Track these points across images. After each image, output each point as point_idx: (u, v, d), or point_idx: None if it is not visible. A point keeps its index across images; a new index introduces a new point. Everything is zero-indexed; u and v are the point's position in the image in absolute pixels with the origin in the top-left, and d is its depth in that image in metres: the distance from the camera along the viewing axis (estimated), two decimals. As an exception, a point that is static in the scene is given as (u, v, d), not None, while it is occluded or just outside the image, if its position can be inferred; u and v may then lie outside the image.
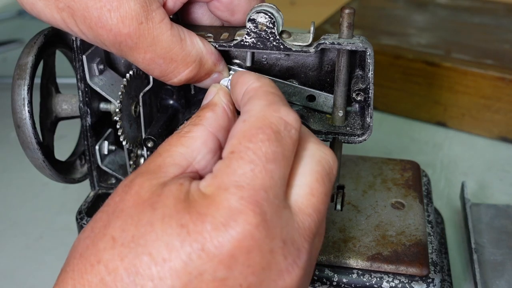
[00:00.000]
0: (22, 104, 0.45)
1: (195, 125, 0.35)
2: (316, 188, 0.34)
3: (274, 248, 0.31)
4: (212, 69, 0.41)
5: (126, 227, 0.31)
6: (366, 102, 0.42)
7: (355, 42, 0.40)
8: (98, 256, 0.30)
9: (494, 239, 0.53)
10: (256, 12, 0.40)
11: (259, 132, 0.32)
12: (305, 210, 0.33)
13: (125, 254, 0.30)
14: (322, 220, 0.34)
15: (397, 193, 0.50)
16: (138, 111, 0.48)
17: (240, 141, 0.32)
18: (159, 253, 0.29)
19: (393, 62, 0.75)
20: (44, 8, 0.38)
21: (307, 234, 0.32)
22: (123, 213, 0.31)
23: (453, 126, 0.75)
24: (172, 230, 0.30)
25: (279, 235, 0.31)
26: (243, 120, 0.33)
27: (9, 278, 0.55)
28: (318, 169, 0.34)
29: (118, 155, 0.52)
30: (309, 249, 0.32)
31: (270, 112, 0.33)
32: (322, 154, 0.35)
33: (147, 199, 0.31)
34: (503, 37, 0.79)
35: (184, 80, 0.40)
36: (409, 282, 0.43)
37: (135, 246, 0.30)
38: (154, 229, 0.30)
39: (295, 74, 0.45)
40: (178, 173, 0.33)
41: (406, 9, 0.88)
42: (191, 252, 0.29)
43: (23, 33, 1.01)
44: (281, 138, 0.32)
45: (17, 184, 0.67)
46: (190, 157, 0.34)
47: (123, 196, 0.32)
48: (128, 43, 0.37)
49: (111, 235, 0.31)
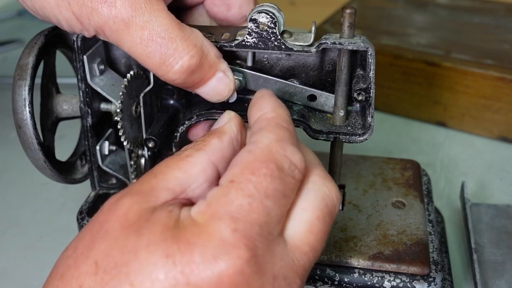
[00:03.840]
0: (23, 105, 0.45)
1: (197, 150, 0.33)
2: (316, 225, 0.33)
3: (264, 284, 0.30)
4: (216, 62, 0.39)
5: (110, 252, 0.30)
6: (367, 102, 0.43)
7: (356, 42, 0.40)
8: (80, 281, 0.30)
9: (494, 239, 0.53)
10: (258, 12, 0.40)
11: (262, 166, 0.31)
12: (302, 248, 0.32)
13: (106, 282, 0.29)
14: (315, 259, 0.33)
15: (397, 192, 0.50)
16: (138, 111, 0.48)
17: (242, 172, 0.31)
18: (141, 284, 0.28)
19: (393, 62, 0.75)
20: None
21: (300, 271, 0.32)
22: (108, 235, 0.30)
23: (453, 126, 0.75)
24: (157, 260, 0.29)
25: (270, 271, 0.30)
26: (248, 151, 0.32)
27: (9, 278, 0.55)
28: (320, 206, 0.33)
29: (119, 155, 0.52)
30: (300, 285, 0.32)
31: (277, 148, 0.32)
32: (327, 190, 0.34)
33: (134, 223, 0.30)
34: (503, 37, 0.79)
35: (186, 68, 0.38)
36: (410, 281, 0.43)
37: (117, 273, 0.29)
38: (138, 258, 0.29)
39: (296, 73, 0.45)
40: (170, 198, 0.32)
41: (406, 9, 0.88)
42: (175, 284, 0.28)
43: (23, 33, 1.01)
44: (284, 176, 0.32)
45: (17, 184, 0.67)
46: (185, 183, 0.32)
47: (109, 216, 0.31)
48: (123, 16, 0.36)
49: (94, 259, 0.30)
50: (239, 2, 0.42)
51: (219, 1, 0.42)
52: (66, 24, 0.39)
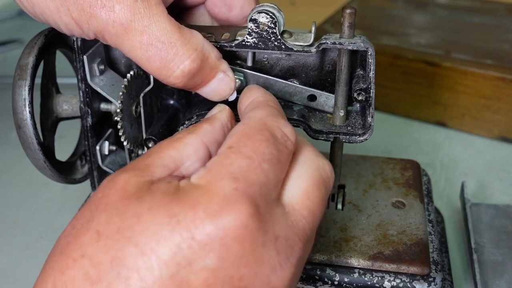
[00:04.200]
0: (23, 105, 0.45)
1: (189, 132, 0.35)
2: (312, 192, 0.33)
3: (267, 242, 0.30)
4: (216, 64, 0.40)
5: (112, 220, 0.30)
6: (367, 102, 0.43)
7: (356, 42, 0.40)
8: (82, 251, 0.29)
9: (494, 239, 0.53)
10: (258, 12, 0.40)
11: (258, 133, 0.33)
12: (300, 211, 0.33)
13: (110, 246, 0.29)
14: (315, 225, 0.34)
15: (397, 192, 0.50)
16: (138, 111, 0.48)
17: (240, 139, 0.32)
18: (146, 243, 0.29)
19: (393, 62, 0.75)
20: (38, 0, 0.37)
21: (301, 234, 0.32)
22: (108, 206, 0.30)
23: (453, 126, 0.75)
24: (160, 220, 0.29)
25: (271, 230, 0.30)
26: (243, 123, 0.34)
27: (9, 278, 0.55)
28: (315, 175, 0.34)
29: (119, 155, 0.52)
30: (303, 248, 0.32)
31: (270, 120, 0.34)
32: (320, 163, 0.35)
33: (133, 194, 0.31)
34: (503, 37, 0.79)
35: (187, 72, 0.38)
36: (410, 281, 0.43)
37: (121, 237, 0.29)
38: (141, 221, 0.29)
39: (296, 73, 0.45)
40: (165, 174, 0.32)
41: (406, 9, 0.88)
42: (180, 241, 0.28)
43: (23, 33, 1.01)
44: (278, 144, 0.33)
45: (17, 184, 0.67)
46: (179, 161, 0.33)
47: (107, 192, 0.31)
48: (122, 20, 0.36)
49: (96, 229, 0.30)
50: (241, 3, 0.42)
51: (220, 2, 0.42)
52: (65, 29, 0.39)
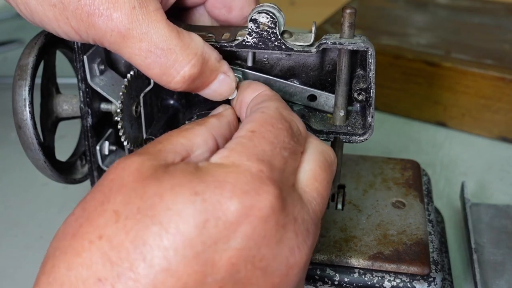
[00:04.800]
0: (23, 105, 0.45)
1: (198, 124, 0.35)
2: (319, 173, 0.35)
3: (287, 223, 0.30)
4: (217, 66, 0.39)
5: (130, 200, 0.29)
6: (367, 102, 0.43)
7: (356, 42, 0.40)
8: (99, 232, 0.28)
9: (494, 239, 0.53)
10: (258, 12, 0.40)
11: (279, 122, 0.34)
12: (310, 193, 0.34)
13: (131, 226, 0.28)
14: (323, 209, 0.35)
15: (397, 192, 0.50)
16: (139, 111, 0.48)
17: (262, 125, 0.33)
18: (170, 222, 0.28)
19: (393, 62, 0.75)
20: (37, 6, 0.37)
21: (313, 216, 0.33)
22: (124, 188, 0.29)
23: (453, 126, 0.75)
24: (184, 199, 0.28)
25: (291, 212, 0.31)
26: (261, 111, 0.34)
27: (9, 278, 0.55)
28: (320, 158, 0.35)
29: (119, 156, 0.52)
30: (315, 231, 0.33)
31: (286, 112, 0.35)
32: (324, 148, 0.36)
33: (150, 175, 0.30)
34: (503, 37, 0.79)
35: (187, 78, 0.38)
36: (410, 281, 0.43)
37: (142, 217, 0.28)
38: (163, 199, 0.28)
39: (296, 74, 0.45)
40: (178, 160, 0.32)
41: (406, 9, 0.88)
42: (206, 220, 0.28)
43: (23, 33, 1.01)
44: (294, 136, 0.34)
45: (17, 184, 0.67)
46: (190, 149, 0.33)
47: (120, 173, 0.30)
48: (120, 29, 0.36)
49: (113, 209, 0.29)
50: (240, 4, 0.42)
51: (220, 4, 0.42)
52: (65, 36, 0.39)
